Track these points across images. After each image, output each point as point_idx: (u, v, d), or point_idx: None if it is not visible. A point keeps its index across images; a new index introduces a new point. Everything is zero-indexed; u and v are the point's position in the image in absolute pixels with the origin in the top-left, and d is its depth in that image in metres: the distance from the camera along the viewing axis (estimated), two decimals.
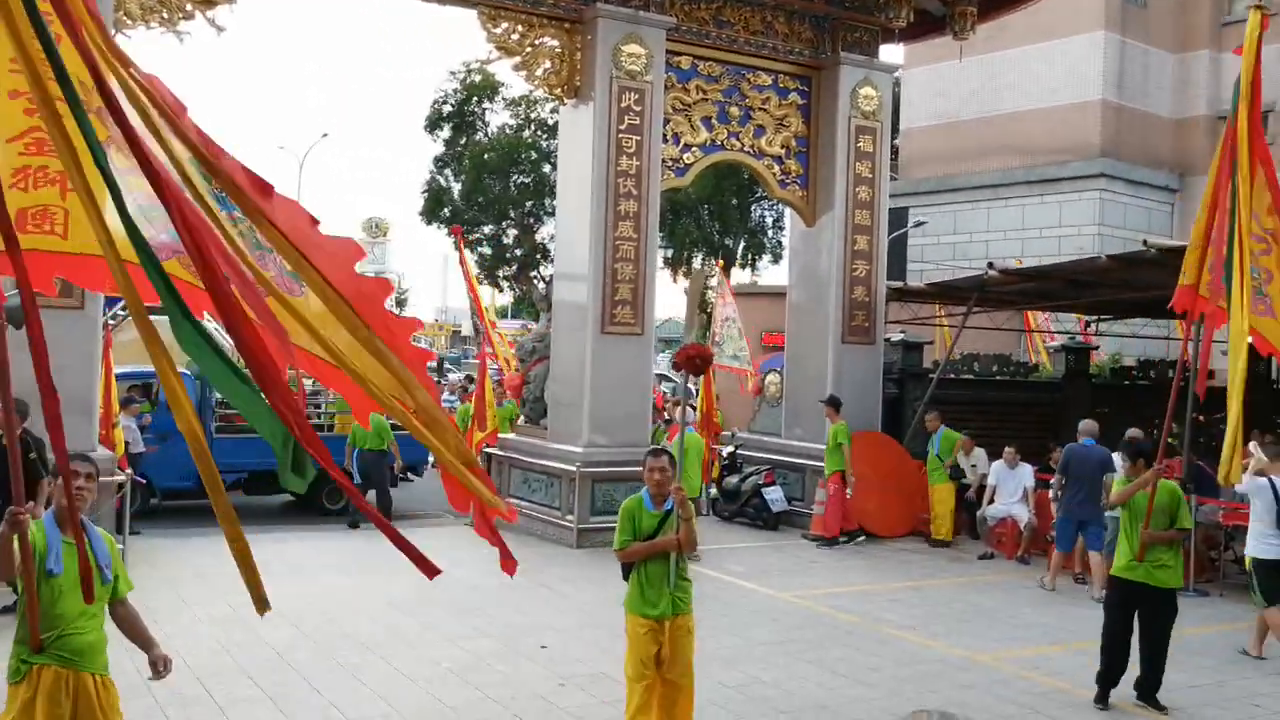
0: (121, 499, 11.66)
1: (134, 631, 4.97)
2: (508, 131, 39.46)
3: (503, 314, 44.97)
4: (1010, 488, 13.61)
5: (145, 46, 48.69)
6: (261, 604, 3.57)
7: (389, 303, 4.48)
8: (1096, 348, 20.11)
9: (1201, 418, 15.65)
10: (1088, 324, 20.39)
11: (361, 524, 14.25)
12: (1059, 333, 22.66)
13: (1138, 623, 7.93)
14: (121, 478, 11.60)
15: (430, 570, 3.92)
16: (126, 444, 13.87)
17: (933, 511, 14.64)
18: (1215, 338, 9.29)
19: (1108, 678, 7.94)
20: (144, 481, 14.32)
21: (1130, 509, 7.88)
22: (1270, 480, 9.32)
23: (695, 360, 6.75)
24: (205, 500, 16.19)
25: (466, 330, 61.60)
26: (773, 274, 47.03)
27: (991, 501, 13.77)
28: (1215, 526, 12.48)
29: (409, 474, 17.43)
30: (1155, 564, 7.79)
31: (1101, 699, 7.90)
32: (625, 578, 6.35)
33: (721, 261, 21.82)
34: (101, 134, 3.41)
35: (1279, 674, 8.95)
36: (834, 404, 14.66)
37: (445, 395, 23.14)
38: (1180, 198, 30.19)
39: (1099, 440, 12.01)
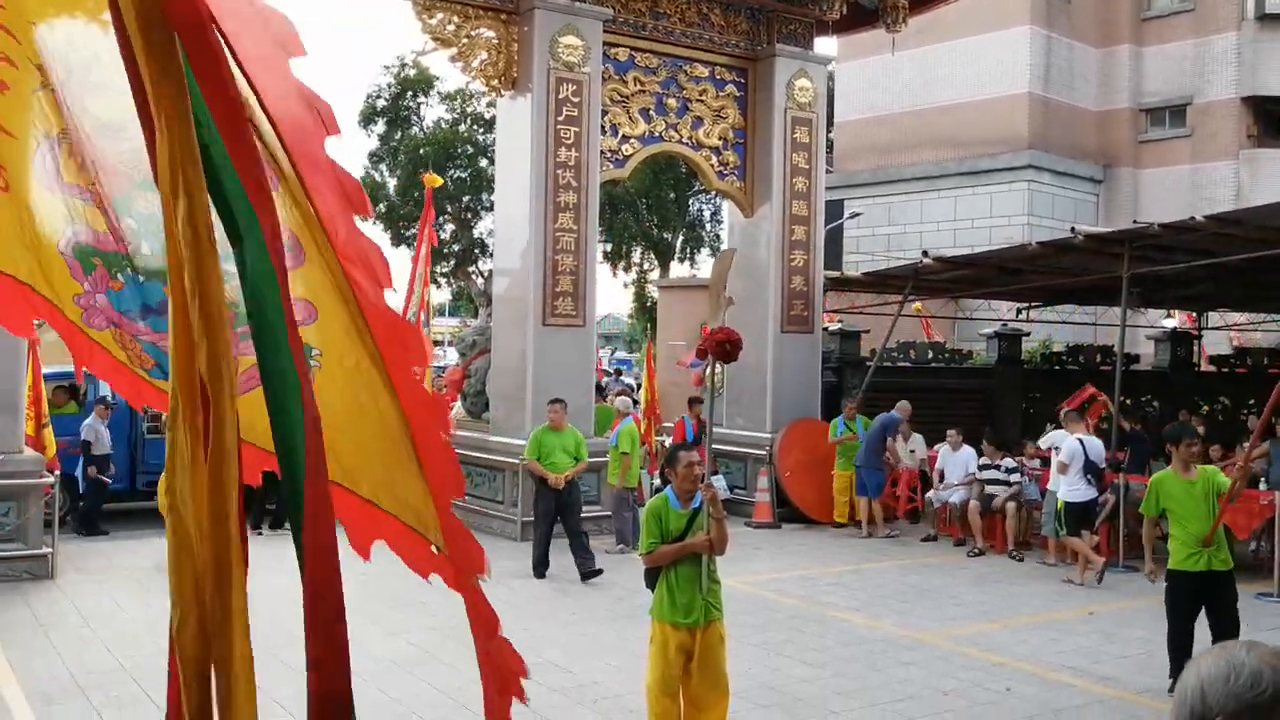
0: (49, 501, 11.30)
1: None
2: (443, 126, 39.20)
3: (440, 311, 44.57)
4: (955, 471, 13.85)
5: None
6: None
7: None
8: (1028, 334, 20.52)
9: (1129, 401, 16.01)
10: (1019, 311, 20.78)
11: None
12: (989, 319, 23.03)
13: (1206, 613, 7.61)
14: (50, 480, 11.23)
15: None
16: (89, 444, 14.03)
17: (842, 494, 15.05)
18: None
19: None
20: (108, 482, 14.38)
21: (1176, 503, 7.62)
22: (1080, 440, 11.71)
23: (724, 346, 5.92)
24: (137, 503, 15.58)
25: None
26: (711, 267, 47.22)
27: (941, 482, 14.04)
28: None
29: None
30: (1219, 551, 7.58)
31: None
32: (649, 585, 5.94)
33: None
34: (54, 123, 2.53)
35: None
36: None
37: None
38: (1105, 188, 30.84)
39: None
